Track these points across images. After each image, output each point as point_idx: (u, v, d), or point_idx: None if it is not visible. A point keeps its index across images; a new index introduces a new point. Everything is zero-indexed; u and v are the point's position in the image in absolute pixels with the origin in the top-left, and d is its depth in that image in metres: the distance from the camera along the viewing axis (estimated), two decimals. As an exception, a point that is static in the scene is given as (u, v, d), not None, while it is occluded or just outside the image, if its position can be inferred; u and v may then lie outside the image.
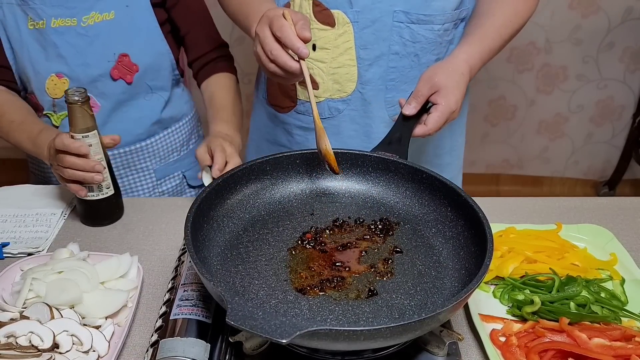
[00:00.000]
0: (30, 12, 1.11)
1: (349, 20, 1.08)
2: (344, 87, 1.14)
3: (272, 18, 0.88)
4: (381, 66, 1.12)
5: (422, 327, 0.66)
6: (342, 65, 1.12)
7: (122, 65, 1.17)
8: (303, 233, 0.88)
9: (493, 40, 1.06)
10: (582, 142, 2.80)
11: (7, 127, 1.13)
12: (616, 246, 0.99)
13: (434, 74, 0.99)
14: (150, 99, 1.24)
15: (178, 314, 0.77)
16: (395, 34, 1.09)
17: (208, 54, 1.28)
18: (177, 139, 1.32)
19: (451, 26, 1.12)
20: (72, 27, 1.13)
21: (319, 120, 0.91)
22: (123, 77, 1.18)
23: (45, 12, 1.11)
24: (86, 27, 1.13)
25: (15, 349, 0.72)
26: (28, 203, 1.12)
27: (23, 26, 1.12)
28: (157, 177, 1.31)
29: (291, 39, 0.86)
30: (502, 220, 1.04)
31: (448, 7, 1.09)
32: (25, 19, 1.12)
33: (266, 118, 1.28)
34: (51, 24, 1.12)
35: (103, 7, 1.14)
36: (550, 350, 0.77)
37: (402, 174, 0.94)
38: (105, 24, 1.14)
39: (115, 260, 0.90)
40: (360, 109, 1.16)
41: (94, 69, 1.16)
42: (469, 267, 0.78)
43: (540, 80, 2.62)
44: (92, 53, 1.15)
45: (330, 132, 1.18)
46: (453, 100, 0.97)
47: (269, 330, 0.60)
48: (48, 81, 1.16)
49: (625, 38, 2.50)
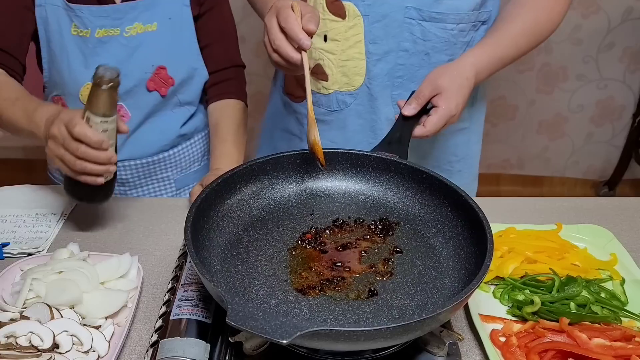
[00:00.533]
0: (75, 20, 1.10)
1: (360, 13, 1.07)
2: (351, 81, 1.14)
3: (280, 8, 0.89)
4: (389, 62, 1.11)
5: (422, 327, 0.66)
6: (351, 59, 1.11)
7: (159, 78, 1.18)
8: (303, 233, 0.88)
9: (506, 47, 1.04)
10: (582, 142, 2.80)
11: (1, 105, 1.05)
12: (616, 246, 0.99)
13: (438, 75, 0.99)
14: (177, 111, 1.25)
15: (178, 314, 0.77)
16: (406, 31, 1.08)
17: (222, 72, 1.27)
18: (198, 150, 1.33)
19: (468, 27, 1.10)
20: (114, 37, 1.13)
21: (312, 111, 0.91)
22: (158, 89, 1.19)
23: (92, 22, 1.11)
24: (128, 38, 1.13)
25: (15, 349, 0.72)
26: (28, 203, 1.12)
27: (66, 31, 1.11)
28: (177, 186, 1.32)
29: (294, 30, 0.86)
30: (502, 220, 1.04)
31: (463, 7, 1.07)
32: (69, 25, 1.11)
33: (281, 106, 1.28)
34: (96, 33, 1.11)
35: (147, 19, 1.14)
36: (550, 350, 0.77)
37: (402, 174, 0.94)
38: (147, 35, 1.15)
39: (115, 261, 0.89)
40: (366, 104, 1.15)
41: (131, 80, 1.16)
42: (469, 267, 0.78)
43: (541, 80, 2.62)
44: (131, 63, 1.15)
45: (336, 125, 1.19)
46: (454, 104, 0.97)
47: (269, 331, 0.60)
48: (83, 88, 1.16)
49: (625, 38, 2.50)
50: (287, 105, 1.26)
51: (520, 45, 1.05)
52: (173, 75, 1.19)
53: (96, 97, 0.88)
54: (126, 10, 1.12)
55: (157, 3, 1.14)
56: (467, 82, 0.99)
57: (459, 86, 0.98)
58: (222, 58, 1.26)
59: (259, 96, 2.57)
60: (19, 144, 2.85)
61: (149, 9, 1.14)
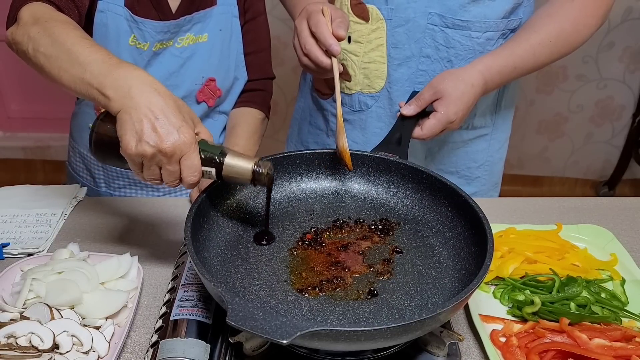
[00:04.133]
0: (136, 32, 1.09)
1: (383, 17, 1.08)
2: (373, 83, 1.14)
3: (311, 13, 0.90)
4: (410, 67, 1.10)
5: (423, 327, 0.66)
6: (373, 61, 1.12)
7: (208, 89, 1.18)
8: (303, 233, 0.88)
9: (522, 57, 1.00)
10: (582, 142, 2.80)
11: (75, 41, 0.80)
12: (616, 246, 0.99)
13: (441, 80, 0.98)
14: (217, 119, 1.26)
15: (178, 315, 0.77)
16: (428, 37, 1.07)
17: (252, 82, 1.26)
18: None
19: (497, 36, 1.07)
20: (167, 48, 1.13)
21: (341, 118, 0.92)
22: (206, 100, 1.19)
23: (153, 37, 1.10)
24: (180, 49, 1.13)
25: (15, 350, 0.72)
26: (28, 203, 1.12)
27: (124, 40, 1.10)
28: None
29: (325, 35, 0.87)
30: (502, 221, 1.04)
31: (491, 15, 1.04)
32: (129, 35, 1.10)
33: (310, 101, 1.29)
34: (153, 47, 1.11)
35: (199, 30, 1.14)
36: (550, 350, 0.77)
37: (402, 174, 0.94)
38: (198, 46, 1.15)
39: (115, 261, 0.89)
40: (387, 107, 1.15)
41: (182, 91, 1.15)
42: (469, 268, 0.78)
43: (540, 80, 2.62)
44: (182, 74, 1.15)
45: (357, 126, 1.20)
46: (453, 110, 0.96)
47: (269, 331, 0.60)
48: None
49: (625, 38, 2.50)
50: (315, 101, 1.27)
51: (539, 55, 1.01)
52: (221, 86, 1.20)
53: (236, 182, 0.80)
54: (183, 23, 1.12)
55: (210, 15, 1.14)
56: (471, 89, 0.97)
57: (461, 93, 0.96)
58: (255, 69, 1.26)
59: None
60: (19, 144, 2.85)
61: (202, 21, 1.14)
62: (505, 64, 1.00)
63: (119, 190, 1.27)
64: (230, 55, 1.20)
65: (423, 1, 1.04)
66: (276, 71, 1.31)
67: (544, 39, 1.00)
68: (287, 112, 2.60)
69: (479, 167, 1.23)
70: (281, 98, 2.60)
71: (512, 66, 1.01)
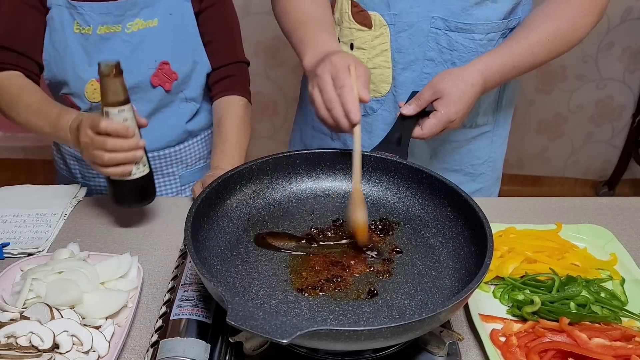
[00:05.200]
0: (78, 17, 1.11)
1: (386, 23, 1.07)
2: (378, 88, 1.14)
3: (338, 70, 0.87)
4: (415, 71, 1.11)
5: (423, 327, 0.66)
6: (377, 67, 1.12)
7: (162, 73, 1.18)
8: (303, 233, 0.88)
9: (520, 56, 1.01)
10: (582, 142, 2.80)
11: (24, 112, 1.09)
12: (616, 246, 0.99)
13: (441, 80, 0.98)
14: (183, 107, 1.26)
15: (178, 314, 0.77)
16: (432, 40, 1.07)
17: (225, 68, 1.27)
18: (203, 147, 1.35)
19: (498, 36, 1.08)
20: (116, 34, 1.14)
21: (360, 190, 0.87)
22: (162, 84, 1.20)
23: (94, 19, 1.12)
24: (130, 34, 1.14)
25: (15, 350, 0.72)
26: (28, 203, 1.12)
27: (69, 29, 1.13)
28: (182, 182, 1.33)
29: (349, 103, 0.85)
30: (502, 220, 1.04)
31: (493, 17, 1.05)
32: (72, 23, 1.12)
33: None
34: (97, 30, 1.12)
35: (148, 15, 1.14)
36: (550, 350, 0.77)
37: (402, 174, 0.94)
38: (149, 31, 1.15)
39: (115, 261, 0.89)
40: (392, 110, 1.15)
41: (135, 76, 1.16)
42: (469, 267, 0.78)
43: (540, 80, 2.62)
44: (134, 60, 1.15)
45: (364, 129, 1.18)
46: (453, 110, 0.96)
47: (269, 331, 0.60)
48: (88, 85, 1.16)
49: (624, 38, 2.50)
50: None
51: (537, 54, 1.02)
52: (176, 69, 1.20)
53: (107, 89, 0.91)
54: (127, 6, 1.13)
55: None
56: (471, 88, 0.97)
57: (461, 92, 0.96)
58: (225, 54, 1.27)
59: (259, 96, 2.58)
60: (19, 144, 2.85)
61: (150, 5, 1.15)
62: (505, 63, 1.01)
63: (93, 180, 1.29)
64: (186, 39, 1.20)
65: (426, 6, 1.04)
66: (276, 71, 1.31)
67: (542, 37, 1.01)
68: (287, 112, 2.60)
69: (483, 163, 1.24)
70: (281, 98, 2.60)
71: (511, 65, 1.01)
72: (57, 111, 1.05)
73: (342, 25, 1.12)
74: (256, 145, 1.26)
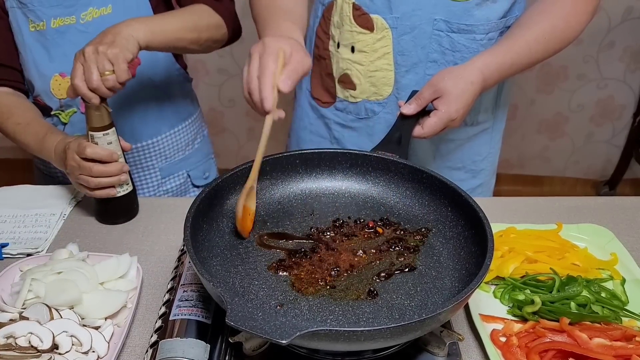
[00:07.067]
0: (30, 15, 1.11)
1: (388, 26, 1.07)
2: (380, 90, 1.14)
3: (266, 53, 0.84)
4: (418, 73, 1.11)
5: (423, 327, 0.66)
6: (379, 69, 1.11)
7: None
8: (303, 233, 0.88)
9: (518, 54, 1.02)
10: (583, 142, 2.80)
11: (13, 130, 1.12)
12: (616, 246, 0.99)
13: (441, 78, 0.98)
14: (154, 93, 1.25)
15: (178, 315, 0.77)
16: (434, 42, 1.07)
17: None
18: (182, 138, 1.33)
19: (496, 35, 1.09)
20: (72, 25, 1.13)
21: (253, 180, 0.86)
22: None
23: (45, 13, 1.11)
24: (85, 24, 1.13)
25: (14, 350, 0.72)
26: (27, 203, 1.12)
27: (25, 29, 1.12)
28: (162, 175, 1.32)
29: (265, 89, 0.82)
30: (502, 220, 1.04)
31: (493, 17, 1.06)
32: (27, 22, 1.12)
33: (308, 108, 1.28)
34: (51, 24, 1.12)
35: (100, 2, 1.13)
36: (550, 350, 0.77)
37: (402, 174, 0.94)
38: (104, 19, 1.14)
39: (114, 261, 0.89)
40: (395, 113, 1.14)
41: None
42: (470, 267, 0.78)
43: (541, 79, 2.62)
44: None
45: (363, 133, 1.20)
46: (454, 108, 0.96)
47: (268, 331, 0.59)
48: (52, 81, 1.16)
49: (625, 37, 2.50)
50: (314, 109, 1.26)
51: (534, 52, 1.03)
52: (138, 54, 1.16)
53: (91, 114, 0.96)
54: None
55: None
56: (471, 87, 0.98)
57: (461, 91, 0.97)
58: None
59: (258, 96, 2.57)
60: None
61: None
62: (503, 61, 1.02)
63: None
64: None
65: (428, 8, 1.04)
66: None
67: (538, 35, 1.03)
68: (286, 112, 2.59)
69: (483, 159, 1.25)
70: (281, 98, 2.59)
71: (509, 63, 1.02)
72: (44, 131, 1.09)
73: (342, 28, 1.12)
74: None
